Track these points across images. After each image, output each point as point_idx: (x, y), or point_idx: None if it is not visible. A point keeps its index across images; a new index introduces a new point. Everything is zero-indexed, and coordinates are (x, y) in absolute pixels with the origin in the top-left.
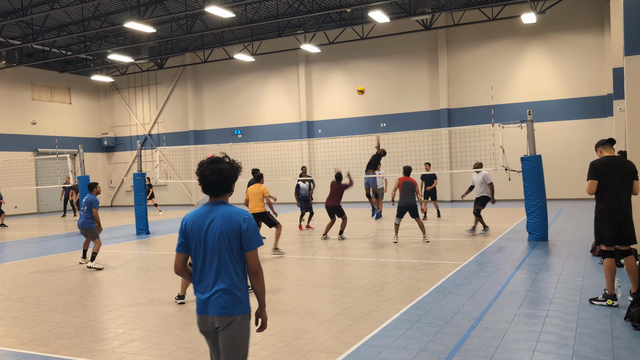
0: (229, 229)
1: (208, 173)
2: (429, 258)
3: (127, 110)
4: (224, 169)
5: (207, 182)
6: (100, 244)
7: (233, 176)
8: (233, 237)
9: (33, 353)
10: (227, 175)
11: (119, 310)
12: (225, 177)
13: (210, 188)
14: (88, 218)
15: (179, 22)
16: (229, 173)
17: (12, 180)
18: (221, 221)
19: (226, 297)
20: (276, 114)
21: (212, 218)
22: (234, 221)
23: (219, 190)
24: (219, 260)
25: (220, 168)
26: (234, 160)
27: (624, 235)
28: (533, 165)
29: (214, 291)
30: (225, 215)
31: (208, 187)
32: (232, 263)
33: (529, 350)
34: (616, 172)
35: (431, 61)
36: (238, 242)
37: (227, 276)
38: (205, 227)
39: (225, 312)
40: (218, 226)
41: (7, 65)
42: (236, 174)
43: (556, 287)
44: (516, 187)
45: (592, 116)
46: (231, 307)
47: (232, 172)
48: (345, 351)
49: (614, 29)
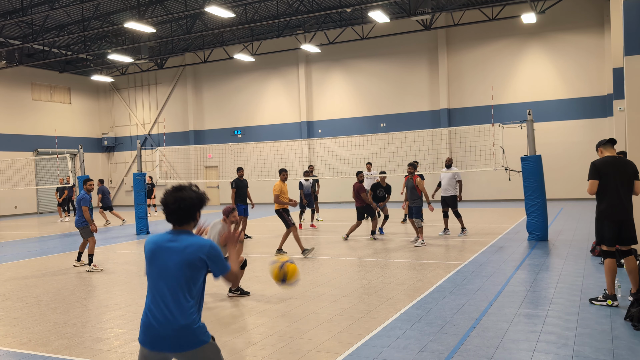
0: (189, 259)
1: (170, 202)
2: (429, 258)
3: (127, 110)
4: (187, 198)
5: (169, 210)
6: (93, 244)
7: (197, 205)
8: (195, 268)
9: (33, 353)
10: (190, 204)
11: (119, 310)
12: (188, 205)
13: (172, 217)
14: (80, 217)
15: (179, 22)
16: (192, 202)
17: (12, 180)
18: (182, 251)
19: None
20: (276, 114)
21: (174, 246)
22: (196, 252)
23: (181, 219)
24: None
25: (183, 197)
26: (198, 189)
27: (624, 235)
28: (533, 165)
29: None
30: (189, 246)
31: (170, 216)
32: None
33: (529, 350)
34: (617, 172)
35: (431, 61)
36: (200, 273)
37: (181, 307)
38: (166, 256)
39: (188, 347)
40: (178, 256)
41: (7, 65)
42: (200, 203)
43: (556, 287)
44: (516, 187)
45: (592, 116)
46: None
47: (196, 201)
48: (345, 351)
49: (614, 29)
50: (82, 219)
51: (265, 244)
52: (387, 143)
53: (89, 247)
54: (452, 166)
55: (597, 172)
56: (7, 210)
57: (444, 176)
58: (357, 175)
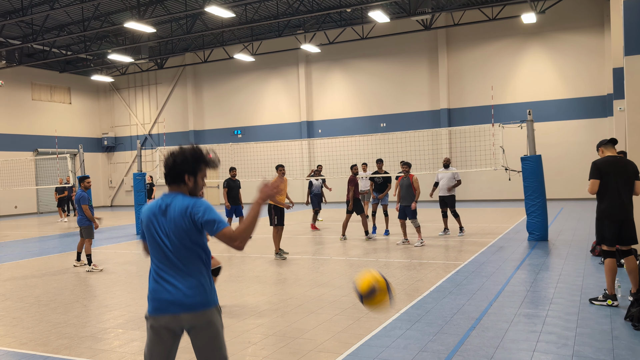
0: (182, 220)
1: (166, 158)
2: (429, 258)
3: (127, 110)
4: (178, 154)
5: (165, 169)
6: (90, 244)
7: (186, 163)
8: (192, 229)
9: (33, 353)
10: (180, 161)
11: (119, 310)
12: (178, 162)
13: (166, 176)
14: (82, 216)
15: (179, 22)
16: (182, 158)
17: (12, 180)
18: (176, 212)
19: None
20: (276, 114)
21: (167, 208)
22: (186, 211)
23: (172, 179)
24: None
25: (174, 153)
26: (199, 149)
27: (625, 235)
28: (533, 165)
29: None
30: (179, 206)
31: (165, 175)
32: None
33: (529, 350)
34: (618, 171)
35: (431, 61)
36: (198, 233)
37: (194, 270)
38: (164, 219)
39: (200, 307)
40: (173, 218)
41: (7, 65)
42: (191, 163)
43: (556, 287)
44: (516, 187)
45: (592, 116)
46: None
47: (188, 159)
48: (345, 351)
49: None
50: (85, 217)
51: (263, 244)
52: (387, 143)
53: (86, 247)
54: (450, 166)
55: (598, 172)
56: (7, 210)
57: (443, 176)
58: (351, 168)
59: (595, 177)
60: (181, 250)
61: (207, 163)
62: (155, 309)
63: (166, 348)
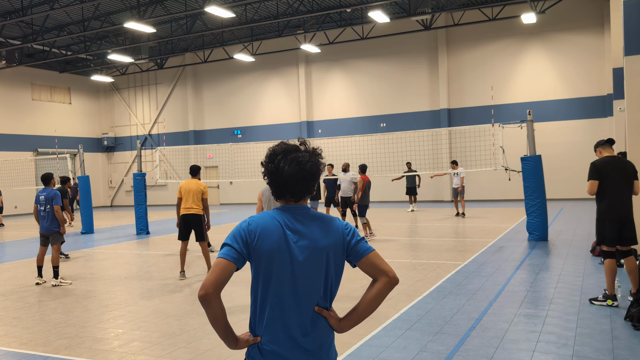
0: (330, 243)
1: (287, 167)
2: (429, 258)
3: (127, 110)
4: (305, 162)
5: (285, 180)
6: (58, 253)
7: (317, 171)
8: (337, 255)
9: (33, 353)
10: (311, 171)
11: (119, 310)
12: (309, 172)
13: (290, 188)
14: (54, 219)
15: (179, 22)
16: (312, 167)
17: (12, 180)
18: (318, 234)
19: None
20: (276, 114)
21: (298, 231)
22: (334, 232)
23: (302, 192)
24: (313, 294)
25: (300, 160)
26: (315, 148)
27: (625, 235)
28: (533, 165)
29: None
30: (321, 225)
31: (287, 187)
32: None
33: (529, 350)
34: (617, 172)
35: (431, 61)
36: (342, 260)
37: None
38: (289, 245)
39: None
40: (314, 242)
41: (7, 65)
42: (320, 168)
43: (556, 287)
44: (516, 187)
45: (592, 116)
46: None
47: (316, 166)
48: (345, 351)
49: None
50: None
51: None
52: (387, 143)
53: (52, 257)
54: (350, 171)
55: (597, 173)
56: (7, 210)
57: (343, 180)
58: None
59: (594, 178)
60: None
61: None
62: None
63: None
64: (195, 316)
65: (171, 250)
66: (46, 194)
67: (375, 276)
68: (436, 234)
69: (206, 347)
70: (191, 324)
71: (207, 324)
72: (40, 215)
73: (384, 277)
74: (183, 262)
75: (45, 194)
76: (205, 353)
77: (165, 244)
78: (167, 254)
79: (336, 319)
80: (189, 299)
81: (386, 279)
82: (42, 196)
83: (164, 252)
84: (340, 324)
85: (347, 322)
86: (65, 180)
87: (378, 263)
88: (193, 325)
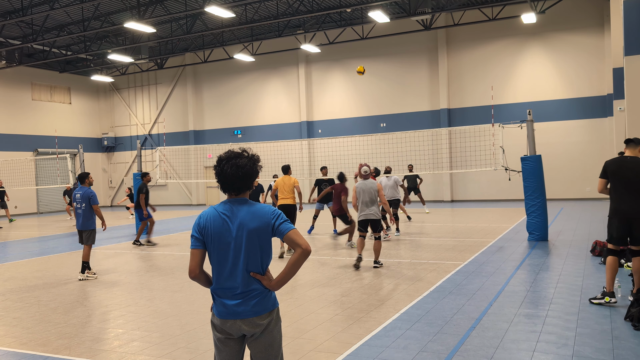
0: (258, 225)
1: (228, 169)
2: (429, 258)
3: (127, 110)
4: (244, 165)
5: (226, 179)
6: (90, 250)
7: (253, 172)
8: (264, 234)
9: (33, 353)
10: (248, 172)
11: (119, 310)
12: (246, 173)
13: (230, 185)
14: (88, 217)
15: (179, 22)
16: (249, 169)
17: (12, 180)
18: (248, 219)
19: (261, 296)
20: (276, 114)
21: (236, 216)
22: (262, 218)
23: (240, 188)
24: (247, 260)
25: (239, 164)
26: (254, 155)
27: (635, 234)
28: (533, 165)
29: (246, 292)
30: (252, 212)
31: (228, 185)
32: (261, 263)
33: (529, 350)
34: (623, 171)
35: (431, 61)
36: (269, 238)
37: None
38: (231, 227)
39: (262, 310)
40: (245, 225)
41: (7, 65)
42: (256, 170)
43: (556, 287)
44: (516, 187)
45: (592, 116)
46: (266, 304)
47: (253, 168)
48: (345, 351)
49: (614, 29)
50: (92, 220)
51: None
52: (387, 143)
53: (84, 253)
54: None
55: (605, 171)
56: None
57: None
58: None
59: (601, 176)
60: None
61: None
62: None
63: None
64: (195, 316)
65: (171, 250)
66: (82, 193)
67: (294, 248)
68: (436, 234)
69: (206, 347)
70: (191, 324)
71: (208, 324)
72: (77, 212)
73: (299, 248)
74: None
75: (81, 192)
76: (205, 353)
77: (165, 244)
78: (167, 253)
79: (268, 280)
80: (189, 299)
81: (300, 250)
82: (78, 194)
83: (164, 251)
84: (272, 283)
85: (277, 282)
86: (144, 174)
87: (295, 239)
88: (193, 325)
